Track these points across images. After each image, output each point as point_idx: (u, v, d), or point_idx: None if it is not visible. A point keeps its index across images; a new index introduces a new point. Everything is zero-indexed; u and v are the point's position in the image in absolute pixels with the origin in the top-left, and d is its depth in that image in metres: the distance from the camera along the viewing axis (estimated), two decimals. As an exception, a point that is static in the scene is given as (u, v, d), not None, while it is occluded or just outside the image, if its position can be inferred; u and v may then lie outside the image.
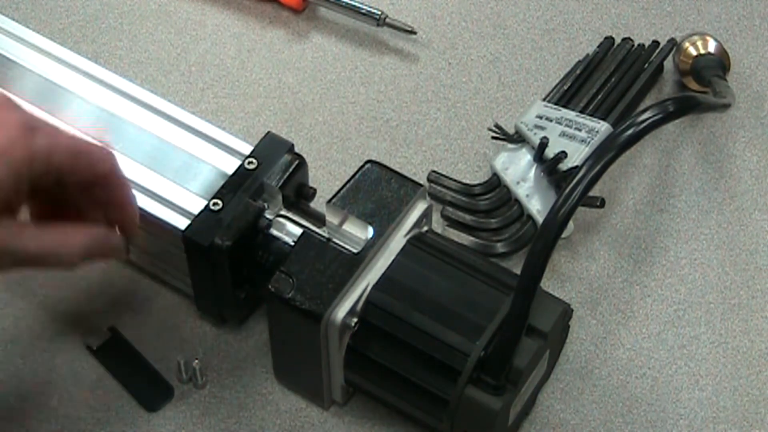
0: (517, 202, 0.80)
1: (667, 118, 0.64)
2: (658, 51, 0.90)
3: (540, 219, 0.78)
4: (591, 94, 0.85)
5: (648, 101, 0.88)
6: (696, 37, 0.89)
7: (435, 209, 0.78)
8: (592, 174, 0.60)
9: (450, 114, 0.88)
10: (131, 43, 0.91)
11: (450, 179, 0.83)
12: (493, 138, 0.84)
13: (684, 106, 0.69)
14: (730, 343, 0.76)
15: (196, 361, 0.73)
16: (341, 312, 0.66)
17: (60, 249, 0.60)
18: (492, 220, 0.80)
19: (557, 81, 0.88)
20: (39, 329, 0.76)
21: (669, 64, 0.90)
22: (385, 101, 0.89)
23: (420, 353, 0.66)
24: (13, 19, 0.80)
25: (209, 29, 0.93)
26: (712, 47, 0.88)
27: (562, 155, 0.79)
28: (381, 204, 0.70)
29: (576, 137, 0.80)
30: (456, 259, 0.70)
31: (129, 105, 0.76)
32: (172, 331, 0.76)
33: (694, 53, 0.88)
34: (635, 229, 0.82)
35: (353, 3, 0.92)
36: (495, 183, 0.82)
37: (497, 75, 0.90)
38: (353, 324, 0.67)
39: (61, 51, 0.79)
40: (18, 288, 0.78)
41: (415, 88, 0.90)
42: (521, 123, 0.83)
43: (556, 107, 0.83)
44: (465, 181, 0.83)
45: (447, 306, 0.67)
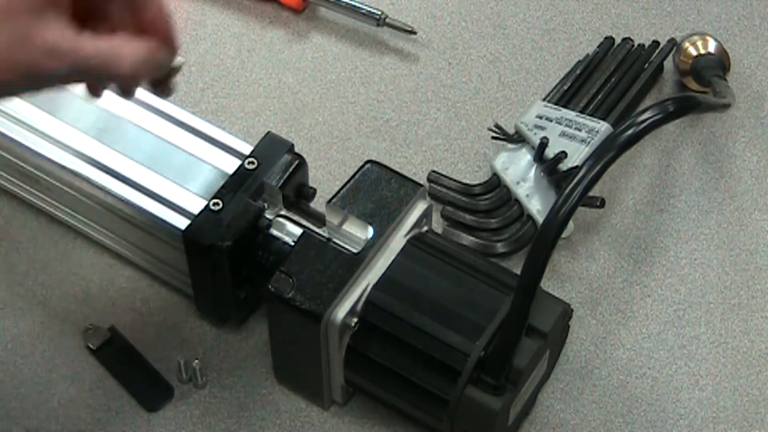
0: (517, 202, 0.80)
1: (667, 118, 0.64)
2: (658, 51, 0.90)
3: (540, 219, 0.78)
4: (591, 94, 0.85)
5: (648, 101, 0.88)
6: (696, 37, 0.89)
7: (435, 209, 0.78)
8: (592, 174, 0.60)
9: (450, 114, 0.88)
10: (131, 43, 0.91)
11: (450, 179, 0.83)
12: (493, 138, 0.84)
13: (684, 106, 0.69)
14: (730, 343, 0.76)
15: (196, 361, 0.73)
16: (341, 312, 0.66)
17: (119, 51, 0.59)
18: (492, 220, 0.80)
19: (557, 81, 0.88)
20: (39, 329, 0.76)
21: (669, 64, 0.90)
22: (385, 101, 0.88)
23: (420, 353, 0.66)
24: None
25: (209, 29, 0.93)
26: (712, 47, 0.88)
27: (562, 155, 0.79)
28: (381, 204, 0.70)
29: (576, 137, 0.80)
30: (456, 259, 0.70)
31: (129, 105, 0.76)
32: (172, 331, 0.76)
33: (694, 53, 0.88)
34: (635, 229, 0.82)
35: (353, 3, 0.92)
36: (495, 183, 0.82)
37: (497, 75, 0.90)
38: (353, 324, 0.67)
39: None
40: (18, 288, 0.78)
41: (415, 88, 0.89)
42: (521, 123, 0.83)
43: (556, 107, 0.83)
44: (465, 181, 0.83)
45: (447, 306, 0.67)
